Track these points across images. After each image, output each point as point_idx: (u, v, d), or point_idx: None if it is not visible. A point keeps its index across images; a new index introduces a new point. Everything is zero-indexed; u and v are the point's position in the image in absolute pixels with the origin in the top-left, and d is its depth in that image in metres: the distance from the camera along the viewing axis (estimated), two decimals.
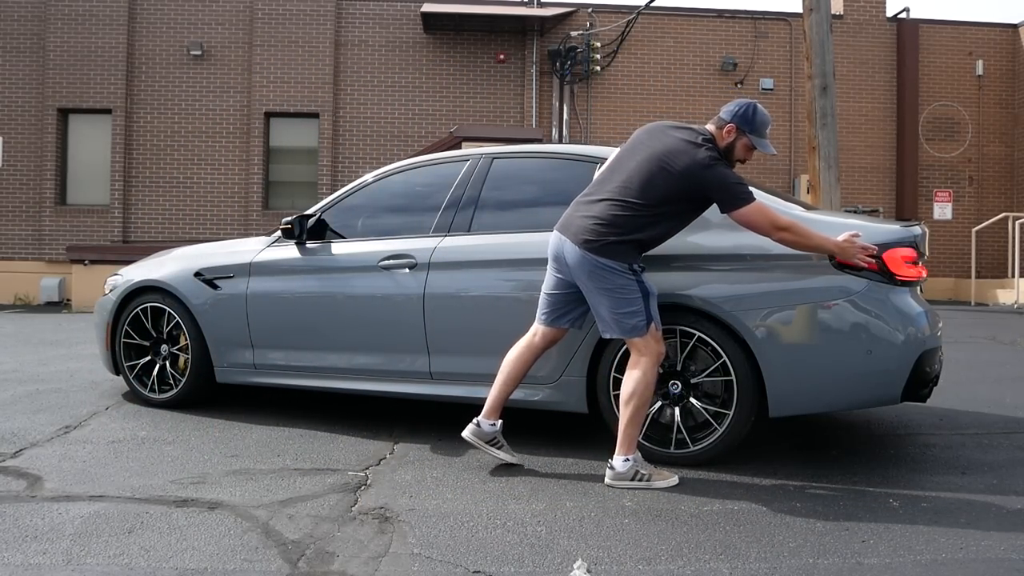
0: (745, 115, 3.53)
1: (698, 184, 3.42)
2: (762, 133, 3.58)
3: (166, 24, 14.50)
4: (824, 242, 3.50)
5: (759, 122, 3.55)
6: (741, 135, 3.54)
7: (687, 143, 3.46)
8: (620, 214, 3.45)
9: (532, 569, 2.65)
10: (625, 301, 3.42)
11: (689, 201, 3.49)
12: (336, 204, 4.69)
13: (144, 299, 4.95)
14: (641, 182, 3.45)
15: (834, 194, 10.41)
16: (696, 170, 3.40)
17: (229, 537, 2.88)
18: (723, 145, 3.54)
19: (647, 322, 3.43)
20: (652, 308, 3.46)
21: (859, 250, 3.49)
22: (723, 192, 3.42)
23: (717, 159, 3.44)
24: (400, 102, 14.72)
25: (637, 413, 3.45)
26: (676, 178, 3.41)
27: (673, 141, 3.49)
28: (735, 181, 3.43)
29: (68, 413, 4.77)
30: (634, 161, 3.53)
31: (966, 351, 7.60)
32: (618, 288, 3.43)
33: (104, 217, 14.34)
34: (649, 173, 3.45)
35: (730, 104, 3.60)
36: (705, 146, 3.45)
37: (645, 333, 3.43)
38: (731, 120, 3.53)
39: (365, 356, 4.42)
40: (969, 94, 15.64)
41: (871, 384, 3.66)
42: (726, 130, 3.54)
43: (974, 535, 2.93)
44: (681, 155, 3.43)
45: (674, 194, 3.45)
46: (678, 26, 15.20)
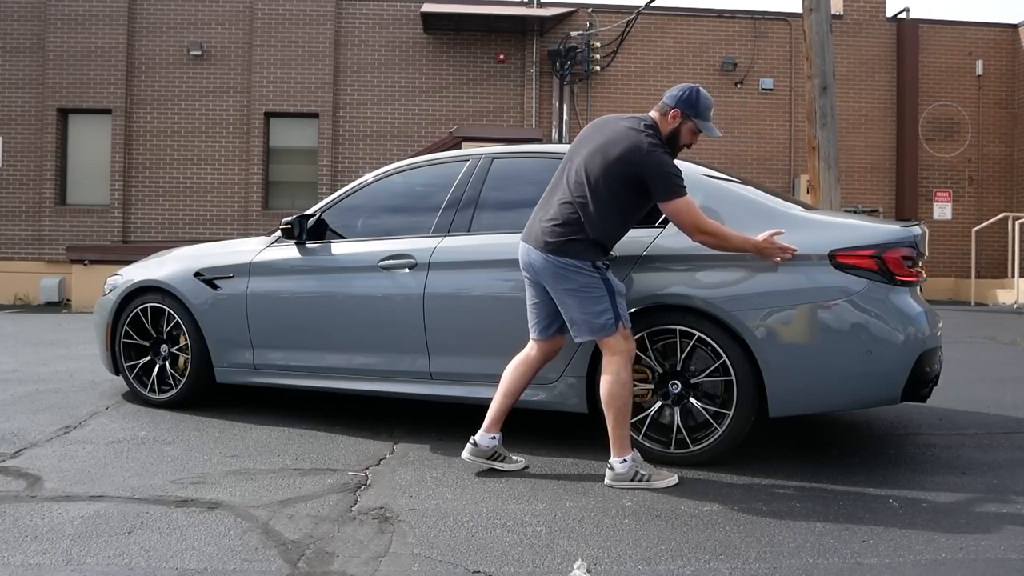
0: (689, 99, 3.53)
1: (637, 169, 3.42)
2: (706, 116, 3.57)
3: (166, 24, 14.50)
4: (744, 243, 3.55)
5: (703, 105, 3.55)
6: (686, 119, 3.55)
7: (629, 130, 3.48)
8: (574, 212, 3.46)
9: (532, 569, 2.65)
10: (592, 300, 3.42)
11: (633, 190, 3.47)
12: (336, 204, 4.69)
13: (144, 299, 4.95)
14: (588, 176, 3.47)
15: (834, 194, 10.41)
16: (635, 156, 3.41)
17: (229, 537, 2.87)
18: (668, 130, 3.55)
19: (616, 320, 3.42)
20: (620, 306, 3.45)
21: (778, 250, 3.55)
22: (660, 179, 3.41)
23: (657, 145, 3.45)
24: (400, 102, 14.72)
25: (621, 414, 3.44)
26: (617, 165, 3.42)
27: (615, 130, 3.52)
28: (673, 171, 3.43)
29: (68, 413, 4.77)
30: (580, 156, 3.56)
31: (966, 351, 7.61)
32: (584, 287, 3.43)
33: (104, 217, 14.34)
34: (594, 165, 3.47)
35: (673, 90, 3.59)
36: (646, 132, 3.46)
37: (615, 331, 3.43)
38: (676, 105, 3.53)
39: (365, 356, 4.42)
40: (969, 94, 15.65)
41: (871, 384, 3.66)
42: (671, 115, 3.54)
43: (974, 535, 2.93)
44: (622, 141, 3.45)
45: (617, 183, 3.44)
46: (678, 26, 15.20)
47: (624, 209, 3.51)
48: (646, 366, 3.80)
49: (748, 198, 3.98)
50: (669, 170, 3.42)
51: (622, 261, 3.82)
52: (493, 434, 3.67)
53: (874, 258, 3.59)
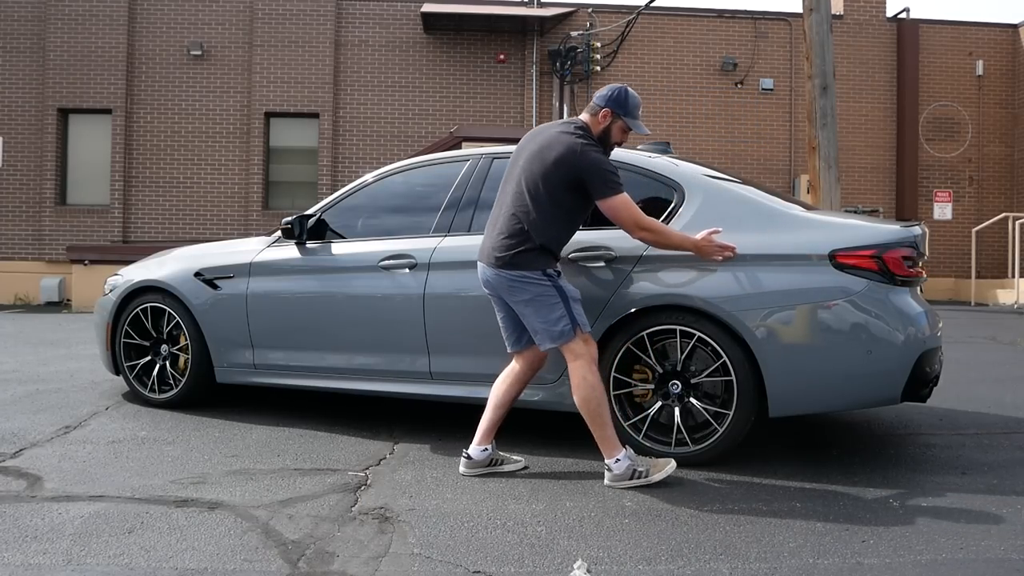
0: (618, 98, 3.59)
1: (574, 170, 3.46)
2: (635, 115, 3.63)
3: (166, 24, 14.50)
4: (683, 241, 3.61)
5: (632, 104, 3.61)
6: (616, 118, 3.60)
7: (561, 134, 3.54)
8: (518, 222, 3.50)
9: (532, 569, 2.65)
10: (547, 308, 3.45)
11: (572, 191, 3.51)
12: (336, 204, 4.69)
13: (144, 299, 4.95)
14: (528, 184, 3.52)
15: (834, 194, 10.42)
16: (571, 157, 3.45)
17: (229, 537, 2.88)
18: (600, 130, 3.60)
19: (573, 326, 3.45)
20: (575, 311, 3.48)
21: (717, 249, 3.61)
22: (596, 177, 3.46)
23: (590, 145, 3.50)
24: (400, 102, 14.72)
25: (598, 415, 3.46)
26: (554, 169, 3.47)
27: (548, 136, 3.58)
28: (608, 169, 3.49)
29: (68, 413, 4.77)
30: (519, 168, 3.61)
31: (966, 351, 7.60)
32: (538, 297, 3.46)
33: (104, 217, 14.34)
34: (533, 173, 3.52)
35: (602, 90, 3.65)
36: (578, 134, 3.52)
37: (573, 337, 3.46)
38: (606, 104, 3.59)
39: (365, 356, 4.42)
40: (969, 94, 15.65)
41: (871, 384, 3.66)
42: (602, 115, 3.60)
43: (974, 535, 2.93)
44: (556, 145, 3.50)
45: (557, 187, 3.48)
46: (678, 26, 15.20)
47: (567, 212, 3.55)
48: (646, 366, 3.81)
49: (748, 198, 3.99)
50: (605, 167, 3.48)
51: (622, 261, 3.83)
52: (485, 446, 3.68)
53: (874, 258, 3.59)
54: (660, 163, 4.10)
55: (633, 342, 3.77)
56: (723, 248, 3.62)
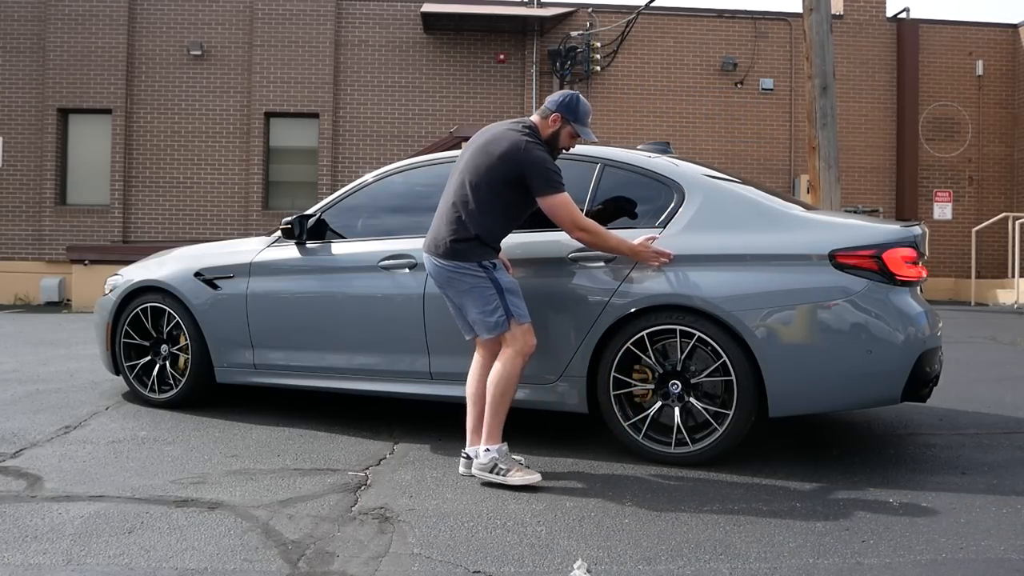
0: (569, 104, 3.66)
1: (517, 166, 3.52)
2: (584, 122, 3.70)
3: (166, 24, 14.50)
4: (620, 244, 3.69)
5: (582, 111, 3.68)
6: (566, 123, 3.66)
7: (508, 131, 3.62)
8: (457, 213, 3.58)
9: (532, 569, 2.65)
10: (483, 299, 3.53)
11: (512, 187, 3.57)
12: (336, 204, 4.69)
13: (144, 299, 4.95)
14: (471, 177, 3.58)
15: (834, 194, 10.42)
16: (515, 153, 3.52)
17: (229, 537, 2.88)
18: (548, 133, 3.66)
19: (507, 317, 3.51)
20: (511, 303, 3.53)
21: (652, 254, 3.70)
22: (538, 175, 3.52)
23: (535, 144, 3.57)
24: (400, 102, 14.72)
25: (497, 403, 3.52)
26: (497, 164, 3.53)
27: (496, 132, 3.65)
28: (551, 168, 3.55)
29: (68, 413, 4.77)
30: (463, 161, 3.68)
31: (966, 351, 7.60)
32: (472, 288, 3.55)
33: (104, 217, 14.34)
34: (476, 166, 3.59)
35: (554, 95, 3.71)
36: (524, 132, 3.59)
37: (508, 328, 3.52)
38: (556, 109, 3.65)
39: (365, 356, 4.42)
40: (969, 94, 15.64)
41: (871, 384, 3.66)
42: (552, 119, 3.66)
43: (974, 535, 2.93)
44: (502, 141, 3.57)
45: (498, 181, 3.55)
46: (678, 26, 15.19)
47: (505, 207, 3.61)
48: (646, 366, 3.81)
49: (748, 198, 3.99)
50: (547, 167, 3.54)
51: (623, 261, 3.83)
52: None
53: (874, 258, 3.59)
54: (660, 163, 4.10)
55: (633, 342, 3.77)
56: (659, 254, 3.71)
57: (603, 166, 4.13)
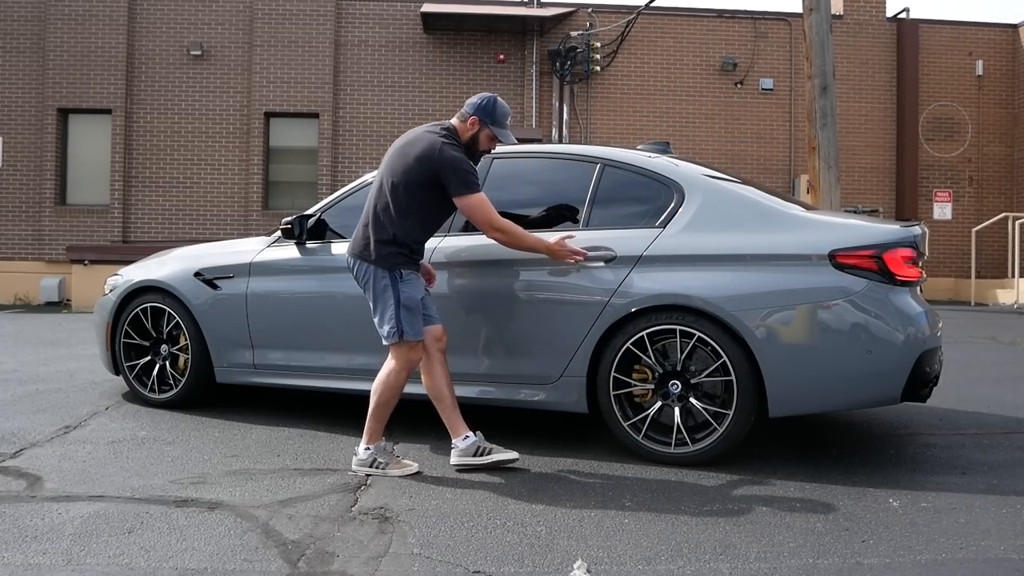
0: (487, 108, 3.72)
1: (433, 167, 3.59)
2: (503, 124, 3.77)
3: (166, 24, 14.49)
4: (536, 243, 3.76)
5: (499, 114, 3.75)
6: (484, 126, 3.73)
7: (426, 133, 3.70)
8: (377, 216, 3.67)
9: (532, 569, 2.65)
10: (383, 308, 3.63)
11: (429, 188, 3.63)
12: (336, 204, 4.69)
13: (144, 299, 4.95)
14: (390, 180, 3.67)
15: (834, 194, 10.41)
16: (431, 153, 3.59)
17: (229, 537, 2.88)
18: (467, 136, 3.74)
19: (399, 333, 3.58)
20: (404, 320, 3.58)
21: (568, 253, 3.76)
22: (453, 176, 3.58)
23: (452, 145, 3.64)
24: (400, 102, 14.72)
25: (378, 409, 3.68)
26: (414, 164, 3.61)
27: (415, 135, 3.74)
28: (466, 168, 3.62)
29: (68, 413, 4.77)
30: (384, 165, 3.76)
31: (966, 351, 7.60)
32: (378, 293, 3.64)
33: (104, 217, 14.33)
34: (395, 169, 3.67)
35: (473, 98, 3.78)
36: (442, 134, 3.67)
37: (397, 342, 3.61)
38: (474, 112, 3.72)
39: (365, 356, 4.41)
40: (969, 94, 15.64)
41: (871, 384, 3.66)
42: (470, 122, 3.73)
43: (974, 535, 2.93)
44: (420, 143, 3.65)
45: (415, 183, 3.62)
46: (678, 26, 15.19)
47: (422, 208, 3.67)
48: (646, 366, 3.80)
49: (748, 198, 3.99)
50: (463, 167, 3.61)
51: (622, 261, 3.83)
52: (466, 434, 3.76)
53: (874, 258, 3.59)
54: (660, 163, 4.10)
55: (633, 342, 3.77)
56: (574, 252, 3.77)
57: (603, 166, 4.13)
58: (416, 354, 3.69)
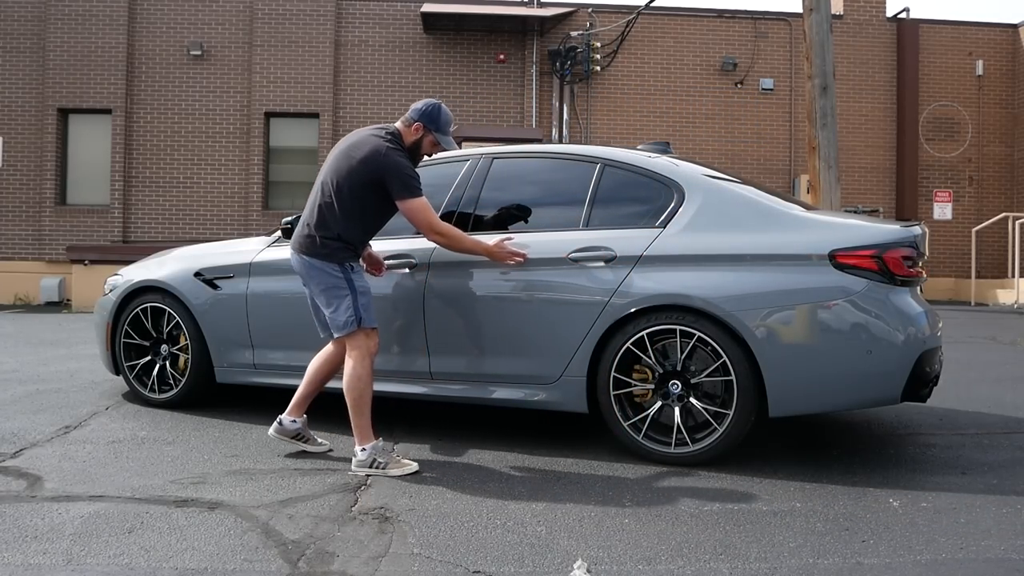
0: (431, 114, 3.82)
1: (377, 170, 3.68)
2: (445, 131, 3.86)
3: (166, 24, 14.50)
4: (475, 246, 3.90)
5: (443, 121, 3.85)
6: (427, 132, 3.82)
7: (371, 136, 3.78)
8: (321, 215, 3.74)
9: (532, 569, 2.65)
10: (337, 299, 3.69)
11: (373, 190, 3.72)
12: None
13: (144, 299, 4.95)
14: (334, 180, 3.75)
15: (834, 194, 10.41)
16: (375, 157, 3.68)
17: (229, 537, 2.88)
18: (411, 141, 3.83)
19: (356, 320, 3.66)
20: (361, 306, 3.68)
21: (508, 255, 3.90)
22: (396, 179, 3.69)
23: (396, 149, 3.73)
24: (400, 102, 14.70)
25: (358, 405, 3.69)
26: (358, 167, 3.70)
27: (359, 137, 3.82)
28: (409, 172, 3.72)
29: (68, 413, 4.77)
30: (328, 164, 3.84)
31: (966, 351, 7.60)
32: (330, 287, 3.71)
33: (104, 217, 14.33)
34: (339, 170, 3.75)
35: (417, 104, 3.87)
36: (387, 138, 3.75)
37: (355, 330, 3.67)
38: (418, 118, 3.81)
39: None
40: (969, 94, 15.64)
41: (871, 384, 3.66)
42: (414, 127, 3.82)
43: (974, 535, 2.93)
44: (364, 146, 3.74)
45: (359, 185, 3.71)
46: (678, 26, 15.19)
47: (364, 209, 3.76)
48: (646, 366, 3.80)
49: (748, 198, 3.99)
50: (406, 171, 3.71)
51: (622, 261, 3.83)
52: (294, 417, 3.95)
53: (874, 258, 3.59)
54: (660, 163, 4.10)
55: (633, 342, 3.77)
56: (513, 254, 3.90)
57: (603, 166, 4.13)
58: (374, 341, 3.76)
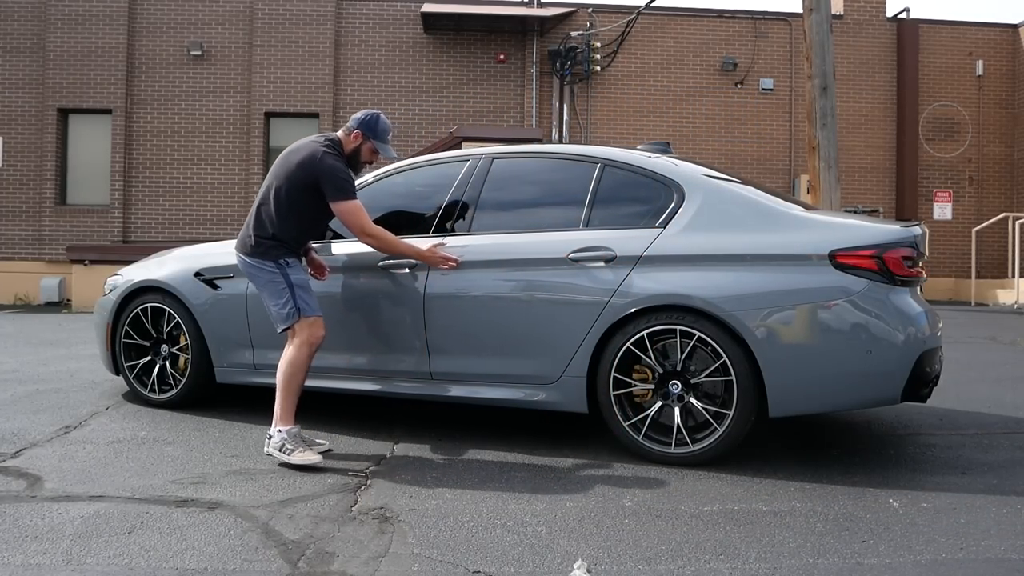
0: (369, 123, 4.04)
1: (312, 173, 3.88)
2: (384, 139, 4.08)
3: (166, 24, 14.50)
4: (408, 249, 4.09)
5: (381, 129, 4.06)
6: (366, 140, 4.05)
7: (311, 142, 3.99)
8: (259, 215, 3.97)
9: (532, 569, 2.65)
10: (276, 293, 3.89)
11: (308, 193, 3.92)
12: None
13: (144, 299, 4.95)
14: (274, 182, 3.95)
15: (834, 194, 10.41)
16: (312, 161, 3.89)
17: (229, 537, 2.88)
18: (350, 148, 4.05)
19: (296, 311, 3.86)
20: (300, 298, 3.88)
21: (440, 259, 4.05)
22: (330, 183, 3.88)
23: (332, 155, 3.93)
24: (400, 102, 14.72)
25: (285, 389, 3.85)
26: (295, 170, 3.91)
27: (301, 143, 4.02)
28: (343, 177, 3.92)
29: (68, 413, 4.77)
30: (271, 171, 4.05)
31: (966, 351, 7.60)
32: (269, 283, 3.91)
33: (104, 217, 14.34)
34: (279, 173, 3.97)
35: (358, 114, 4.10)
36: (325, 144, 3.96)
37: (297, 321, 3.86)
38: (357, 127, 4.04)
39: (365, 356, 4.41)
40: (969, 94, 15.64)
41: (871, 384, 3.66)
42: (353, 136, 4.04)
43: (974, 535, 2.93)
44: (303, 151, 3.95)
45: (296, 187, 3.91)
46: (678, 26, 15.20)
47: (302, 210, 3.96)
48: (646, 366, 3.80)
49: (748, 198, 3.99)
50: (340, 175, 3.91)
51: (622, 261, 3.83)
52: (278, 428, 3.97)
53: (874, 258, 3.59)
54: (660, 163, 4.10)
55: (633, 342, 3.77)
56: (445, 259, 4.05)
57: (603, 166, 4.13)
58: (319, 329, 3.91)
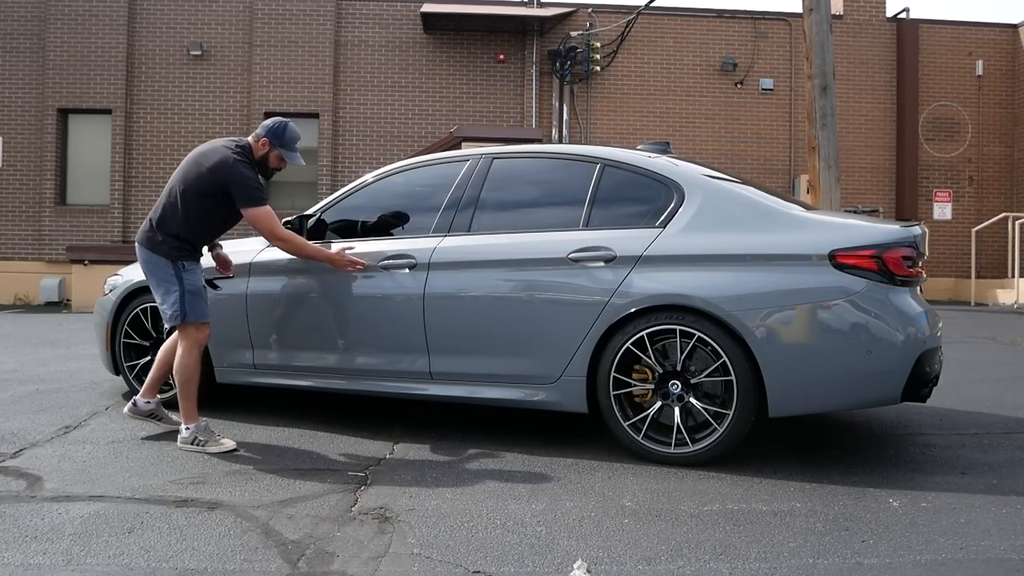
0: (276, 131, 4.17)
1: (222, 179, 3.99)
2: (291, 147, 4.20)
3: (166, 24, 14.50)
4: (317, 253, 4.25)
5: (288, 138, 4.18)
6: (273, 147, 4.17)
7: (222, 147, 4.08)
8: (165, 214, 4.06)
9: (532, 569, 2.65)
10: (167, 292, 4.01)
11: (217, 197, 4.03)
12: (336, 204, 4.69)
13: (144, 299, 4.94)
14: (182, 184, 4.05)
15: (834, 194, 10.41)
16: (222, 167, 3.99)
17: (229, 537, 2.88)
18: (259, 155, 4.17)
19: (181, 314, 3.98)
20: (189, 304, 3.99)
21: (348, 263, 4.22)
22: (240, 189, 4.01)
23: (242, 161, 4.04)
24: (400, 102, 14.72)
25: (184, 388, 4.03)
26: (206, 174, 4.00)
27: (211, 147, 4.12)
28: (253, 184, 4.06)
29: (68, 413, 4.77)
30: (179, 170, 4.14)
31: (966, 351, 7.60)
32: (162, 281, 4.03)
33: (104, 217, 14.34)
34: (186, 174, 4.06)
35: (267, 121, 4.22)
36: (235, 150, 4.06)
37: (181, 322, 4.00)
38: (265, 135, 4.16)
39: (365, 356, 4.41)
40: (969, 94, 15.64)
41: (871, 384, 3.65)
42: (260, 143, 4.17)
43: (974, 535, 2.93)
44: (213, 155, 4.04)
45: (204, 191, 4.01)
46: (678, 26, 15.20)
47: (206, 213, 4.06)
48: (646, 366, 3.80)
49: (748, 198, 3.99)
50: (249, 182, 4.04)
51: (622, 261, 3.83)
52: (148, 399, 4.25)
53: (874, 258, 3.59)
54: (660, 163, 4.10)
55: (633, 342, 3.77)
56: (353, 262, 4.21)
57: (603, 166, 4.13)
58: (203, 333, 4.07)
